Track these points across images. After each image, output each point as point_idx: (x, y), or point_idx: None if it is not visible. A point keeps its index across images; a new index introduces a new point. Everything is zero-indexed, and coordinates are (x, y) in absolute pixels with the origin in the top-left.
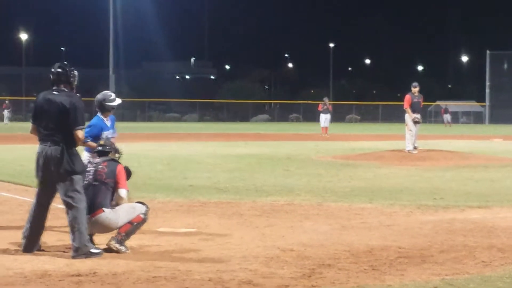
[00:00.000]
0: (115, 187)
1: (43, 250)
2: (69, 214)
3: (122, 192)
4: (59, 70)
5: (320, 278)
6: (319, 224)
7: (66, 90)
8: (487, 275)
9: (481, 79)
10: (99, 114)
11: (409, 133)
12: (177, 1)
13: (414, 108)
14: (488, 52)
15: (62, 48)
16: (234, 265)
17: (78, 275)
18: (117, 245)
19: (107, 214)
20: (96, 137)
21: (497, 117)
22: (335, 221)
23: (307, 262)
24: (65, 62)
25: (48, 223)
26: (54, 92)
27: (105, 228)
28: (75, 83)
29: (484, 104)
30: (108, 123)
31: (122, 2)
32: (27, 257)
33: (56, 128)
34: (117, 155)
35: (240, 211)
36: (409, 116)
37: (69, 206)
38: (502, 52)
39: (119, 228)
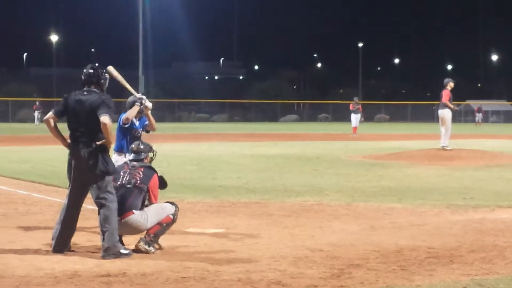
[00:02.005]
0: (147, 194)
1: (73, 251)
2: (100, 214)
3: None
4: (91, 71)
5: (349, 278)
6: (348, 224)
7: (96, 91)
8: None
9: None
10: None
11: (445, 128)
12: (206, 1)
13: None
14: None
15: (92, 50)
16: (263, 265)
17: (108, 275)
18: (146, 246)
19: (136, 216)
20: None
21: None
22: (364, 221)
23: (336, 262)
24: (97, 64)
25: (78, 223)
26: (85, 93)
27: (134, 230)
28: (106, 84)
29: None
30: (137, 123)
31: (151, 3)
32: (58, 257)
33: (87, 129)
34: (150, 154)
35: (269, 211)
36: (447, 112)
37: (100, 206)
38: None
39: (148, 229)
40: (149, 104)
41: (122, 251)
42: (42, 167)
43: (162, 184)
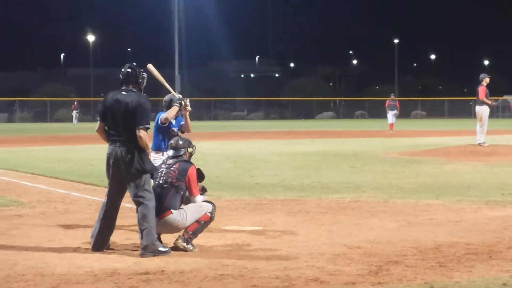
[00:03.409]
0: (185, 190)
1: (112, 249)
2: (138, 213)
3: (199, 199)
4: (129, 70)
5: (387, 275)
6: (385, 221)
7: (134, 90)
8: None
9: None
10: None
11: (480, 125)
12: (244, 1)
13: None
14: None
15: (129, 49)
16: (301, 262)
17: (146, 273)
18: (184, 244)
19: (175, 216)
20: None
21: None
22: (402, 218)
23: (373, 259)
24: (134, 63)
25: (117, 222)
26: (123, 92)
27: (172, 229)
28: (144, 84)
29: None
30: (174, 122)
31: (186, 2)
32: (97, 255)
33: (125, 128)
34: (190, 149)
35: (306, 209)
36: (484, 108)
37: (138, 205)
38: None
39: (186, 227)
40: (188, 105)
41: (161, 249)
42: (81, 166)
43: (200, 176)
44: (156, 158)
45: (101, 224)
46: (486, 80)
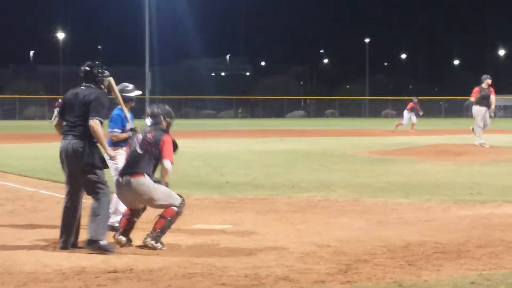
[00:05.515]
0: (159, 159)
1: (80, 247)
2: (90, 208)
3: (167, 163)
4: (87, 69)
5: (356, 273)
6: (355, 220)
7: (93, 86)
8: None
9: None
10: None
11: (477, 125)
12: None
13: (481, 101)
14: None
15: (99, 47)
16: (270, 261)
17: (115, 271)
18: (153, 242)
19: (146, 181)
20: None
21: None
22: (372, 217)
23: (343, 258)
24: (97, 62)
25: (84, 221)
26: (82, 87)
27: (139, 194)
28: (104, 82)
29: None
30: (129, 115)
31: (158, 0)
32: (65, 254)
33: (79, 121)
34: (168, 119)
35: (276, 207)
36: (477, 108)
37: (93, 198)
38: None
39: (155, 224)
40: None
41: (105, 245)
42: (51, 164)
43: (174, 145)
44: (118, 154)
45: (64, 220)
46: (487, 81)
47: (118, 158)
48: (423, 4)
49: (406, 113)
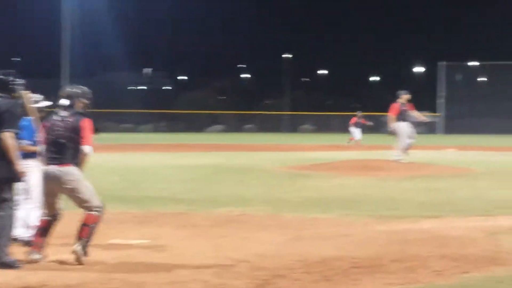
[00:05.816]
0: (79, 145)
1: None
2: None
3: (86, 148)
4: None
5: None
6: (273, 235)
7: (3, 95)
8: (440, 284)
9: (435, 90)
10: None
11: (400, 141)
12: (134, 12)
13: (403, 117)
14: (441, 63)
15: (18, 59)
16: (187, 276)
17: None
18: (83, 253)
19: (74, 170)
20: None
21: (452, 128)
22: (290, 232)
23: (260, 273)
24: (10, 70)
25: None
26: None
27: (64, 184)
28: (16, 91)
29: (438, 114)
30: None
31: (77, 13)
32: None
33: None
34: (83, 100)
35: (194, 222)
36: (396, 125)
37: None
38: (455, 63)
39: (79, 233)
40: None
41: (8, 261)
42: None
43: (94, 130)
44: (28, 166)
45: None
46: (406, 97)
47: (27, 175)
48: (344, 22)
49: (352, 128)
